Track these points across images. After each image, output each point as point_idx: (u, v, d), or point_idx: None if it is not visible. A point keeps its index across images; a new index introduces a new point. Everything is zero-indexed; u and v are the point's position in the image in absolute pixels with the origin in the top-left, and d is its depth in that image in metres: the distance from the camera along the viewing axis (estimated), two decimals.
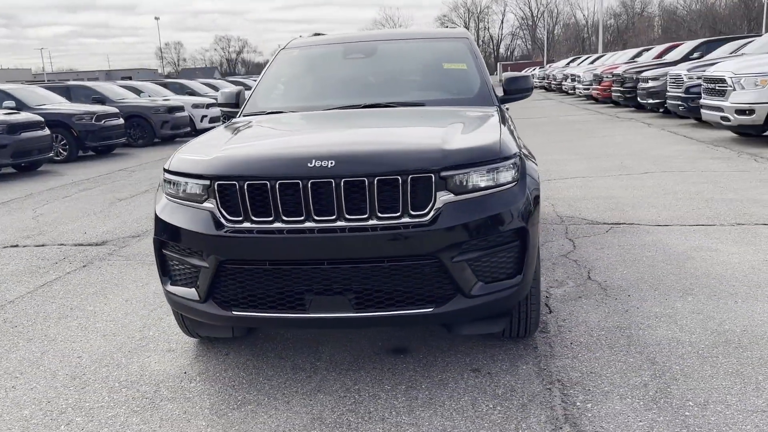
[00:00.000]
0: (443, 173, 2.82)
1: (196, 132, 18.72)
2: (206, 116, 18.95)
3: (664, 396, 2.88)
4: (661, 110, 16.38)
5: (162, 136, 16.78)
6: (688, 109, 13.03)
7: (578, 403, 2.86)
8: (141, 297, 4.61)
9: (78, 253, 5.97)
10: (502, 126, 3.37)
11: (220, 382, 3.25)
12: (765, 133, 10.25)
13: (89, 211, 7.98)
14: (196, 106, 18.72)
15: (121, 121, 14.85)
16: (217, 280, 2.96)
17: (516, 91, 4.28)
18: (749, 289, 4.10)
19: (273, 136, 3.72)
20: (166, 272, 3.21)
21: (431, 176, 2.80)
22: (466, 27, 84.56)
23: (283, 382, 3.22)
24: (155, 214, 3.19)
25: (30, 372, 3.48)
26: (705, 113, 10.93)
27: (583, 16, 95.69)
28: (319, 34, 5.30)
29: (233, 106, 4.49)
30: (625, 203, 6.77)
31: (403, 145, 3.06)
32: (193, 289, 3.06)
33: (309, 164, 2.81)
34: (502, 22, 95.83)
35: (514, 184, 2.99)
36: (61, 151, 13.68)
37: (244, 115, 4.26)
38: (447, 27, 7.66)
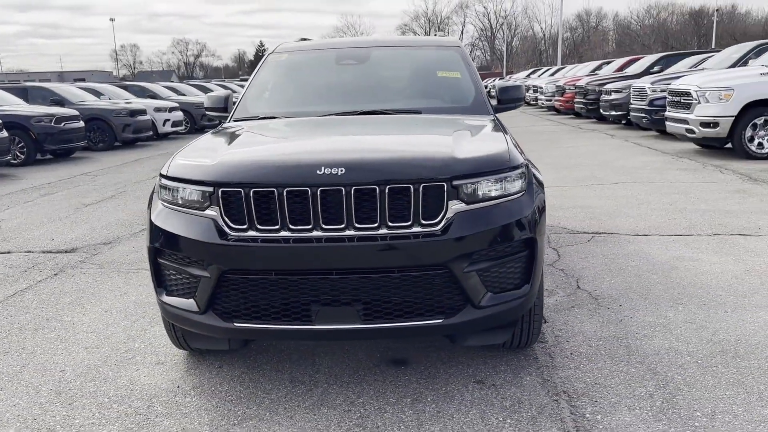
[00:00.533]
0: (455, 182, 2.78)
1: (158, 136, 18.35)
2: (168, 120, 18.56)
3: (672, 407, 2.88)
4: (623, 122, 16.75)
5: (123, 139, 16.37)
6: (651, 121, 13.35)
7: (587, 415, 2.84)
8: (121, 307, 4.43)
9: (47, 260, 5.72)
10: (506, 135, 3.35)
11: (217, 397, 3.13)
12: (727, 146, 10.56)
13: (54, 217, 7.68)
14: (158, 109, 18.31)
15: (82, 123, 14.41)
16: (219, 291, 2.85)
17: (509, 100, 4.28)
18: (736, 299, 4.16)
19: (276, 142, 3.61)
20: (161, 282, 3.07)
21: (443, 185, 2.76)
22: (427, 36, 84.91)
23: (283, 395, 3.12)
24: (150, 221, 3.06)
25: (10, 387, 3.29)
26: (670, 125, 11.20)
27: (541, 29, 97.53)
28: (305, 39, 5.21)
29: (221, 111, 4.36)
30: (602, 213, 6.85)
31: (414, 153, 3.01)
32: (192, 300, 2.94)
33: (318, 171, 2.73)
34: (462, 33, 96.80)
35: (522, 193, 2.97)
36: (18, 154, 13.18)
37: (234, 120, 4.14)
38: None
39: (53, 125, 13.38)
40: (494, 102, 4.29)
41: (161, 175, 3.08)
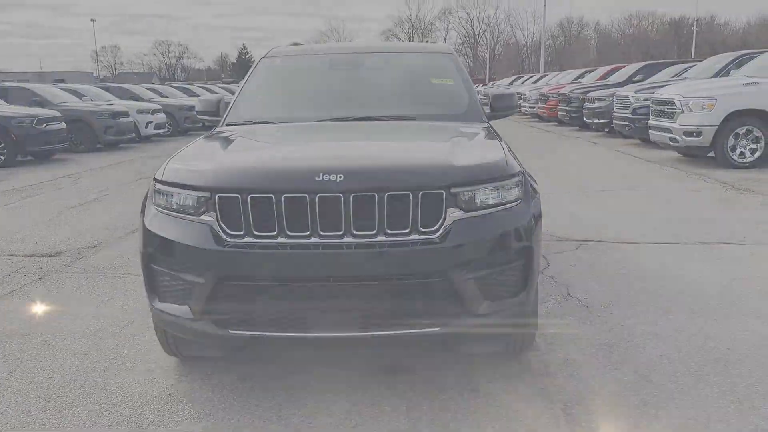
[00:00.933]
0: (453, 189, 2.78)
1: (141, 138, 18.16)
2: (151, 122, 18.39)
3: (667, 415, 2.89)
4: (606, 130, 16.89)
5: (105, 141, 16.15)
6: (634, 130, 13.48)
7: (584, 424, 2.85)
8: (108, 313, 4.36)
9: (31, 264, 5.62)
10: (501, 143, 3.36)
11: (210, 405, 3.08)
12: (709, 155, 10.69)
13: (37, 220, 7.56)
14: (141, 111, 18.12)
15: (63, 125, 14.20)
16: (214, 298, 2.81)
17: (503, 108, 4.29)
18: (725, 308, 4.20)
19: (273, 147, 3.59)
20: (154, 288, 3.02)
21: (442, 192, 2.75)
22: (410, 42, 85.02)
23: (278, 403, 3.08)
24: (143, 225, 3.02)
25: None
26: (653, 134, 11.32)
27: (523, 36, 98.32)
28: (297, 44, 5.19)
29: (213, 114, 4.32)
30: (588, 220, 6.89)
31: (413, 160, 3.00)
32: (186, 307, 2.89)
33: (317, 178, 2.71)
34: (445, 39, 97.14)
35: (519, 201, 2.97)
36: None
37: (227, 125, 4.10)
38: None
39: (34, 126, 13.18)
40: (487, 109, 4.30)
41: (155, 180, 3.04)
